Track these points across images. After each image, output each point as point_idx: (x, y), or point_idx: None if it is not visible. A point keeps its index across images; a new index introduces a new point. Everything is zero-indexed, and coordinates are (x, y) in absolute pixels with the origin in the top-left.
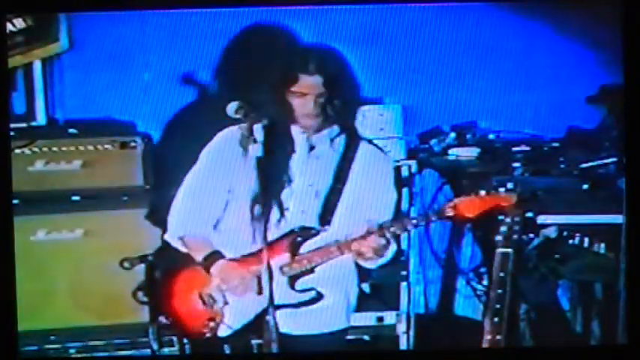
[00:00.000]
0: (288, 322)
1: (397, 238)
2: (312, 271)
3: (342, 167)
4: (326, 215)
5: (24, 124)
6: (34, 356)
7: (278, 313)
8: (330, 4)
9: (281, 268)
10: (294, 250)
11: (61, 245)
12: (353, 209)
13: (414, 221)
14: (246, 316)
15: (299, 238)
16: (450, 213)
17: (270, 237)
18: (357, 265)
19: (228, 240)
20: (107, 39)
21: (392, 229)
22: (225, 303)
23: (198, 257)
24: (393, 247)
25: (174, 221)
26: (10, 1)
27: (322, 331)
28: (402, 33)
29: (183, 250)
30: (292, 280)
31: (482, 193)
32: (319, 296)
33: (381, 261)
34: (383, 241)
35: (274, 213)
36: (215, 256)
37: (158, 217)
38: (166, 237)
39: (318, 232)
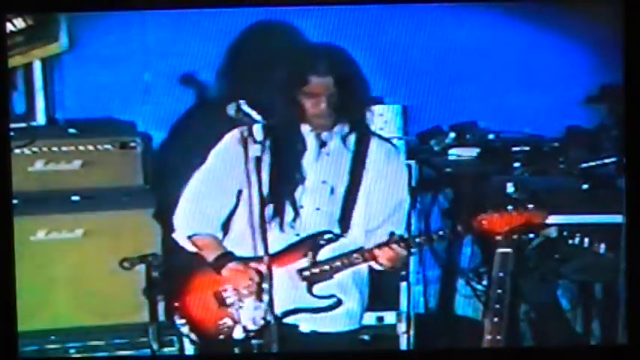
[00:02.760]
0: (305, 325)
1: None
2: (331, 276)
3: (356, 164)
4: (344, 219)
5: (24, 124)
6: (34, 356)
7: (295, 316)
8: (330, 4)
9: (299, 273)
10: (313, 255)
11: (61, 245)
12: (371, 210)
13: (441, 232)
14: (259, 318)
15: (320, 242)
16: (478, 228)
17: (286, 237)
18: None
19: (240, 241)
20: (107, 39)
21: (417, 240)
22: (240, 306)
23: (210, 258)
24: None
25: (182, 221)
26: (10, 1)
27: (335, 331)
28: (402, 33)
29: (192, 249)
30: (310, 285)
31: (511, 208)
32: (339, 303)
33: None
34: (404, 253)
35: (288, 212)
36: (227, 257)
37: (164, 217)
38: (174, 235)
39: (337, 238)
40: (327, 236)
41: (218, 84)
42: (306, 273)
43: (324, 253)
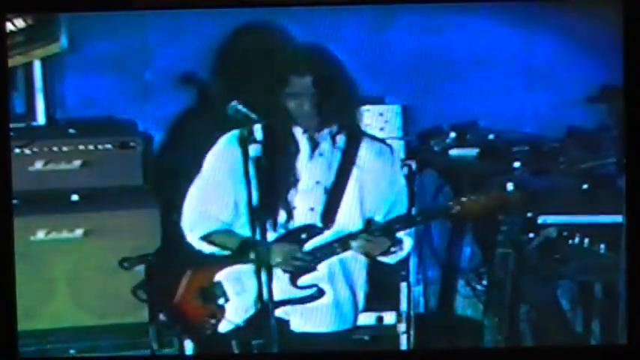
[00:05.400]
0: (296, 321)
1: (410, 233)
2: (314, 268)
3: (346, 164)
4: (330, 213)
5: (24, 124)
6: (34, 356)
7: (281, 310)
8: (330, 4)
9: (283, 265)
10: (297, 248)
11: (61, 245)
12: (359, 206)
13: (419, 218)
14: (247, 312)
15: (303, 236)
16: (455, 211)
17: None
18: (370, 262)
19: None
20: (107, 39)
21: (397, 226)
22: (227, 300)
23: (233, 248)
24: (408, 242)
25: (191, 224)
26: (10, 1)
27: (329, 330)
28: (402, 33)
29: (209, 249)
30: (294, 277)
31: (488, 192)
32: (320, 293)
33: (401, 255)
34: (388, 243)
35: (281, 214)
36: (249, 242)
37: (170, 220)
38: (189, 239)
39: (322, 230)
40: (310, 230)
41: (216, 84)
42: (288, 266)
43: (309, 246)
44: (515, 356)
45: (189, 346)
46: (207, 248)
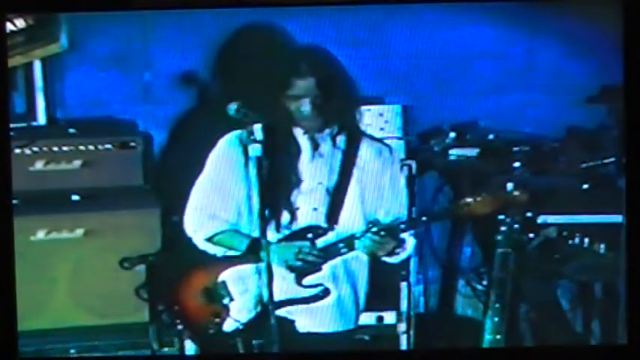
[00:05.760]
0: (301, 321)
1: (414, 233)
2: (319, 268)
3: (347, 164)
4: (333, 214)
5: (24, 124)
6: (34, 356)
7: (286, 310)
8: (330, 4)
9: (287, 265)
10: (308, 245)
11: (61, 245)
12: (360, 206)
13: (425, 220)
14: (250, 312)
15: (309, 236)
16: (461, 212)
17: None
18: (371, 262)
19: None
20: (107, 39)
21: (402, 226)
22: (231, 299)
23: (242, 248)
24: (411, 243)
25: (195, 226)
26: (10, 1)
27: (332, 330)
28: (402, 33)
29: (214, 250)
30: (299, 276)
31: (489, 192)
32: (325, 292)
33: (404, 255)
34: (393, 243)
35: (285, 215)
36: (257, 243)
37: (170, 220)
38: (195, 241)
39: (326, 231)
40: (315, 230)
41: (216, 84)
42: (293, 265)
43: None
44: (515, 356)
45: (189, 346)
46: (212, 249)
